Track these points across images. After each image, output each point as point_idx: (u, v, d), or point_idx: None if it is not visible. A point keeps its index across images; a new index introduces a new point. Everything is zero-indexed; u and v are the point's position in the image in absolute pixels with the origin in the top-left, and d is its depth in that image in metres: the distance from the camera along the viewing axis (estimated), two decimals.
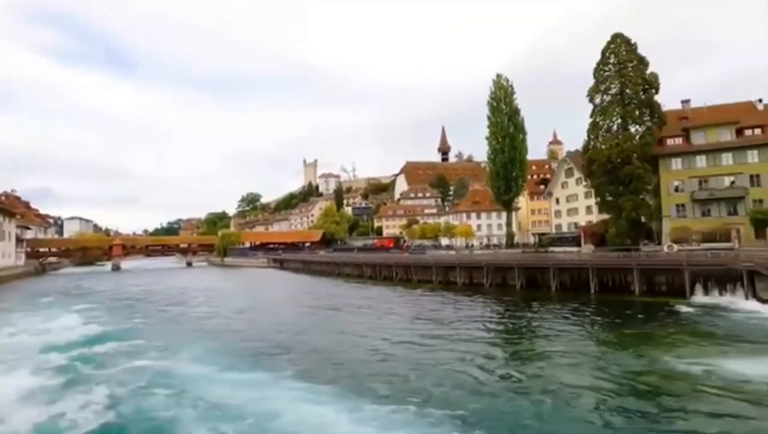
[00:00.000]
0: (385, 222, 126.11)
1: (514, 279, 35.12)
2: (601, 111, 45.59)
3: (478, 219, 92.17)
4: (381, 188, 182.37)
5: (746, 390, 11.46)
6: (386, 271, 48.83)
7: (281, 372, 14.69)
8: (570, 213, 65.66)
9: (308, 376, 14.09)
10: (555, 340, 18.42)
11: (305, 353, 17.62)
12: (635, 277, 28.53)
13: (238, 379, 14.04)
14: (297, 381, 13.61)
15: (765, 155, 44.16)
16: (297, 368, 15.14)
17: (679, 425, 9.78)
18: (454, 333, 20.35)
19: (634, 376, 13.16)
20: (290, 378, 13.95)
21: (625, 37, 45.30)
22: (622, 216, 43.36)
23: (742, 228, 42.10)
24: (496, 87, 59.19)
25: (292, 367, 15.25)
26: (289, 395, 12.32)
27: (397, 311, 27.52)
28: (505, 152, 57.27)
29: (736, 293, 24.67)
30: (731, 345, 16.09)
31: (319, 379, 13.73)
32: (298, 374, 14.38)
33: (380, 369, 14.84)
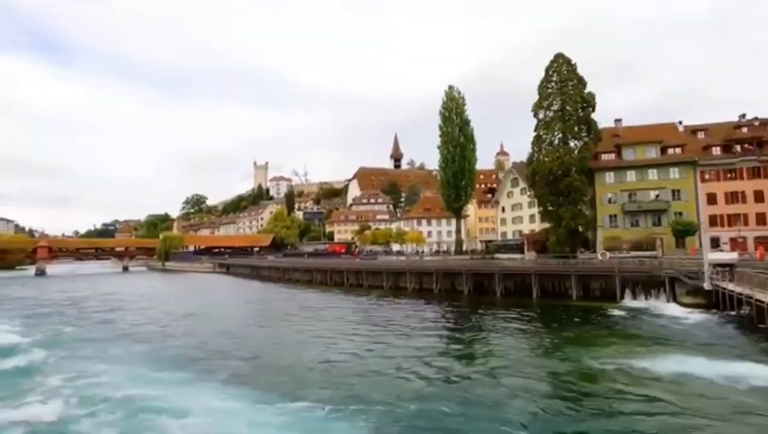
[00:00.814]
0: (337, 227, 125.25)
1: (462, 285, 36.11)
2: (544, 125, 48.29)
3: (429, 226, 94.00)
4: (333, 192, 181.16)
5: (666, 385, 12.53)
6: (337, 277, 48.50)
7: (211, 377, 14.40)
8: (515, 221, 68.68)
9: (240, 382, 13.87)
10: (498, 343, 19.17)
11: (243, 359, 17.21)
12: (573, 283, 30.35)
13: (160, 385, 13.61)
14: (227, 387, 13.38)
15: (685, 172, 48.80)
16: (229, 373, 14.87)
17: (607, 419, 10.48)
18: (401, 337, 20.61)
19: (568, 376, 14.00)
20: (219, 383, 13.75)
21: (566, 57, 48.36)
22: (561, 225, 46.02)
23: (665, 238, 46.13)
24: (448, 98, 61.00)
25: (224, 373, 14.95)
26: (210, 400, 12.10)
27: (345, 317, 27.42)
28: (455, 161, 59.03)
29: (660, 298, 26.97)
30: (653, 345, 17.51)
31: (253, 385, 13.54)
32: (229, 380, 14.15)
33: (319, 373, 14.79)
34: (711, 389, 12.12)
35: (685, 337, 18.76)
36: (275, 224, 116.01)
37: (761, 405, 10.94)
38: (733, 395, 11.59)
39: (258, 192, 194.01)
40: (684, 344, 17.46)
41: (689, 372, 13.25)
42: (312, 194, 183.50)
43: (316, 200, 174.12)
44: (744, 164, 48.22)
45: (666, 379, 13.03)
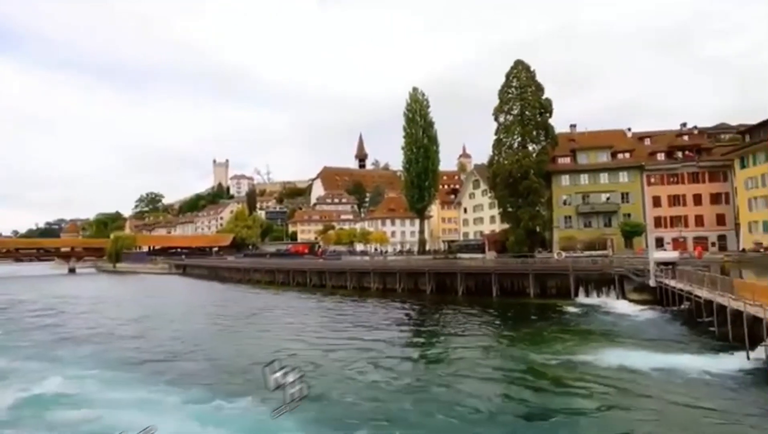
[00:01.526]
0: (300, 227, 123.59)
1: (425, 284, 36.59)
2: (505, 129, 49.80)
3: (393, 226, 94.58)
4: (297, 192, 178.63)
5: (611, 377, 13.26)
6: (300, 277, 47.87)
7: (156, 378, 14.14)
8: (476, 222, 70.35)
9: (188, 382, 13.66)
10: (458, 341, 19.61)
11: (194, 360, 16.88)
12: (531, 281, 31.47)
13: (101, 385, 13.34)
14: (171, 387, 13.18)
15: (632, 176, 51.75)
16: (176, 374, 14.62)
17: (557, 410, 10.95)
18: (362, 337, 20.65)
19: (523, 370, 14.57)
20: (164, 384, 13.54)
21: (525, 64, 50.08)
22: (520, 226, 47.63)
23: (615, 238, 48.72)
24: (412, 100, 61.59)
25: (171, 373, 14.70)
26: (152, 399, 12.01)
27: (307, 318, 27.15)
28: (419, 162, 59.70)
29: (610, 295, 28.47)
30: (603, 340, 18.45)
31: (200, 384, 13.33)
32: (175, 380, 13.91)
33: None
34: (652, 380, 12.95)
35: (632, 332, 19.92)
36: (236, 223, 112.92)
37: (695, 393, 11.79)
38: (671, 385, 12.43)
39: (218, 191, 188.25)
40: (631, 338, 18.51)
41: (633, 365, 14.08)
42: (275, 193, 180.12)
43: (279, 199, 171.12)
44: (685, 170, 51.72)
45: (612, 371, 13.78)
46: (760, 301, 14.91)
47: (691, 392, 11.79)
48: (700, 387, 12.27)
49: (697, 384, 12.50)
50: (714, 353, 15.23)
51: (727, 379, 12.70)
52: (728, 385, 12.30)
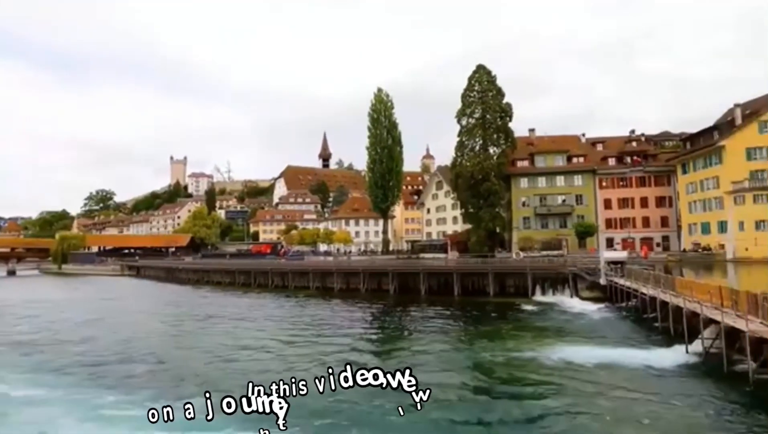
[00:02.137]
0: (262, 227, 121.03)
1: (388, 284, 36.75)
2: (467, 132, 50.91)
3: (357, 226, 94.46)
4: (259, 191, 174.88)
5: (563, 371, 13.85)
6: (261, 278, 46.87)
7: (96, 382, 13.68)
8: (439, 222, 71.47)
9: (129, 386, 13.29)
10: (419, 340, 19.85)
11: (142, 364, 16.21)
12: (490, 280, 32.31)
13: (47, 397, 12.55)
14: (109, 391, 12.76)
15: (586, 180, 54.27)
16: (118, 378, 14.16)
17: (514, 404, 11.30)
18: (323, 337, 20.50)
19: (483, 366, 14.98)
20: (103, 388, 13.07)
21: (486, 69, 51.38)
22: (481, 226, 48.84)
23: (570, 238, 50.90)
24: (376, 100, 61.74)
25: (112, 378, 14.24)
26: (86, 404, 11.58)
27: (268, 319, 26.59)
28: (383, 162, 59.93)
29: (565, 293, 29.70)
30: (556, 336, 19.20)
31: (142, 389, 12.96)
32: (114, 384, 13.47)
33: (225, 375, 14.29)
34: (599, 373, 13.62)
35: (583, 328, 20.88)
36: (194, 223, 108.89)
37: (636, 384, 12.51)
38: (615, 377, 13.11)
39: (175, 189, 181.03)
40: (581, 334, 19.40)
41: (582, 359, 14.77)
42: (235, 192, 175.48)
43: (240, 198, 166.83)
44: (633, 174, 54.78)
45: (563, 366, 14.38)
46: (697, 298, 16.04)
47: (633, 383, 12.49)
48: (642, 378, 13.03)
49: (640, 375, 13.26)
50: (657, 346, 16.22)
51: (666, 370, 13.56)
52: (667, 376, 13.14)
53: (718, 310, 14.07)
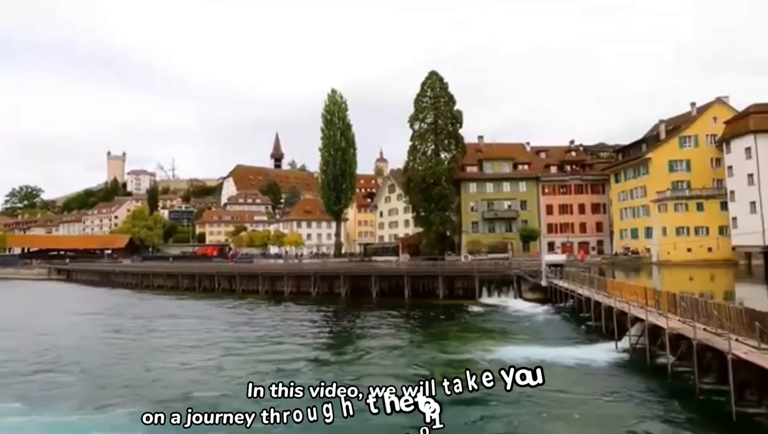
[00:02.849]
0: (209, 228, 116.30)
1: (340, 287, 36.60)
2: (419, 137, 51.95)
3: (309, 228, 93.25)
4: (206, 190, 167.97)
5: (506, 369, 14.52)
6: (207, 281, 45.01)
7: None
8: (392, 226, 72.23)
9: (50, 400, 12.44)
10: (368, 342, 20.00)
11: (69, 376, 15.10)
12: (440, 283, 33.10)
13: None
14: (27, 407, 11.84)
15: (530, 186, 57.09)
16: (36, 389, 13.15)
17: (458, 404, 11.66)
18: (268, 342, 20.05)
19: (428, 367, 15.41)
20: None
21: (439, 75, 52.76)
22: (432, 230, 49.96)
23: (515, 242, 53.27)
24: (330, 101, 61.43)
25: (29, 390, 13.23)
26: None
27: (212, 323, 25.62)
28: (336, 164, 59.69)
29: (509, 294, 31.03)
30: (500, 336, 20.07)
31: (63, 401, 12.22)
32: (38, 399, 12.52)
33: (157, 385, 13.68)
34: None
35: (525, 328, 21.96)
36: (134, 223, 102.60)
37: (569, 379, 13.38)
38: (551, 374, 13.80)
39: (112, 186, 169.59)
40: (523, 334, 20.41)
41: (523, 358, 15.53)
42: (180, 191, 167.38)
43: (185, 198, 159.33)
44: (572, 182, 58.35)
45: (504, 365, 15.04)
46: (625, 298, 17.43)
47: (567, 380, 13.32)
48: (576, 375, 13.94)
49: (573, 372, 14.19)
50: (590, 344, 17.41)
51: (597, 367, 14.62)
52: (598, 372, 14.17)
53: (642, 309, 15.37)
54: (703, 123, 50.04)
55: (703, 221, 47.82)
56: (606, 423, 10.32)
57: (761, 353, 9.50)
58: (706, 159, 49.49)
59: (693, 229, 47.88)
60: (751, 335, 10.52)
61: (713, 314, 12.64)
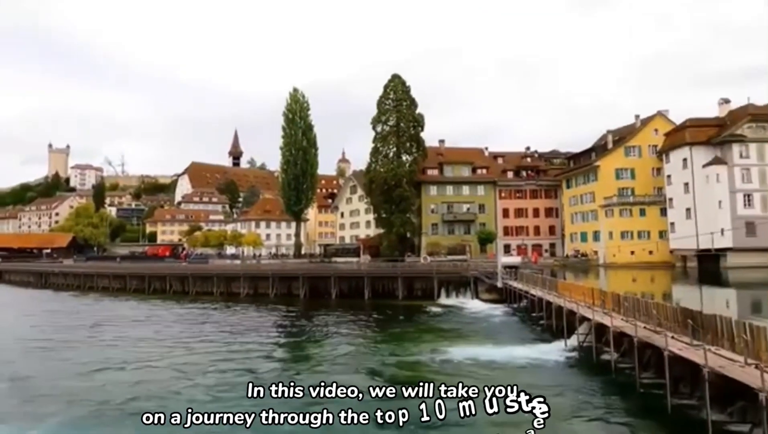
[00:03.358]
0: (161, 227, 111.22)
1: (298, 288, 36.05)
2: (381, 138, 52.17)
3: (268, 228, 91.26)
4: (158, 188, 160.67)
5: (461, 368, 14.85)
6: (158, 283, 42.97)
7: None
8: (353, 226, 72.02)
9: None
10: (327, 344, 19.82)
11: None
12: (400, 284, 33.35)
13: None
14: None
15: (488, 190, 58.74)
16: None
17: (413, 402, 11.78)
18: (224, 344, 19.46)
19: (384, 368, 15.47)
20: None
21: (402, 78, 53.23)
22: (393, 231, 50.27)
23: (473, 244, 54.60)
24: (292, 100, 60.40)
25: None
26: None
27: (162, 327, 24.42)
28: (297, 164, 58.74)
29: (466, 295, 31.73)
30: (457, 336, 20.49)
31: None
32: None
33: (98, 394, 12.93)
34: (490, 368, 14.82)
35: (481, 328, 22.52)
36: (77, 221, 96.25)
37: (520, 376, 13.87)
38: (503, 372, 14.39)
39: (54, 181, 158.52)
40: (479, 334, 20.92)
41: (477, 357, 15.99)
42: (130, 188, 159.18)
43: (136, 195, 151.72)
44: (527, 187, 60.60)
45: (459, 364, 15.41)
46: (574, 298, 18.27)
47: (518, 378, 13.75)
48: (526, 372, 14.46)
49: (525, 370, 14.71)
50: (541, 343, 18.10)
51: (547, 364, 15.22)
52: (547, 369, 14.75)
53: (590, 309, 16.16)
54: (645, 134, 53.53)
55: (645, 226, 51.12)
56: (552, 419, 10.71)
57: (693, 349, 10.22)
58: (648, 168, 52.94)
59: (636, 233, 51.06)
60: (686, 332, 11.32)
61: (652, 314, 13.51)
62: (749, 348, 9.49)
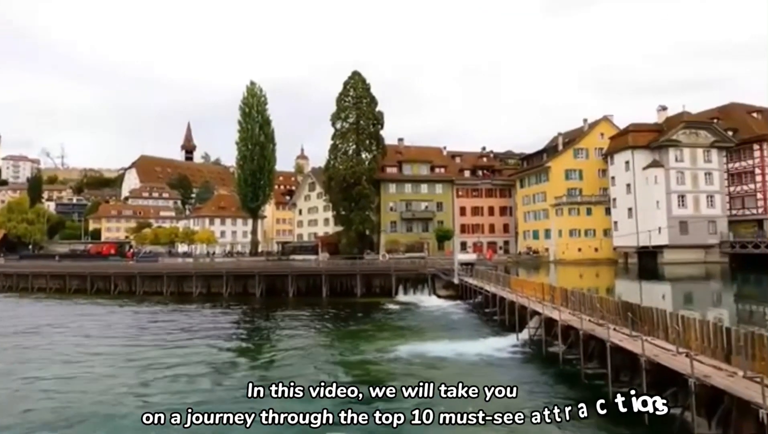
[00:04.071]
0: (106, 224, 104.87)
1: (254, 287, 35.14)
2: (341, 135, 51.81)
3: (223, 225, 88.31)
4: (103, 182, 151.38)
5: (417, 363, 15.04)
6: (101, 283, 40.43)
7: None
8: (311, 224, 71.13)
9: None
10: (283, 343, 19.46)
11: None
12: (358, 282, 33.30)
13: None
14: None
15: (446, 189, 59.81)
16: None
17: (367, 400, 11.79)
18: (172, 347, 18.58)
19: (348, 365, 15.42)
20: None
21: (362, 76, 53.06)
22: (352, 229, 50.11)
23: (431, 242, 55.45)
24: (249, 94, 58.70)
25: None
26: None
27: (104, 330, 22.97)
28: (254, 159, 57.19)
29: (424, 292, 32.18)
30: (413, 332, 20.72)
31: None
32: None
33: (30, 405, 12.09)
34: (445, 362, 15.14)
35: (437, 323, 22.93)
36: (9, 216, 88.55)
37: (473, 369, 14.28)
38: (457, 366, 14.73)
39: None
40: (435, 329, 21.27)
41: (433, 352, 16.29)
42: (71, 181, 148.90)
43: (78, 189, 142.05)
44: (483, 186, 62.25)
45: (415, 359, 15.62)
46: (526, 294, 18.97)
47: (470, 371, 14.15)
48: (479, 365, 14.88)
49: (477, 363, 15.12)
50: (494, 336, 18.66)
51: (499, 357, 15.72)
52: (499, 361, 15.23)
53: (540, 304, 16.85)
54: (592, 138, 56.48)
55: (592, 225, 53.98)
56: (500, 409, 11.02)
57: (632, 339, 10.88)
58: (595, 169, 55.91)
59: (583, 231, 53.81)
60: (626, 324, 12.03)
61: (596, 307, 14.27)
62: (680, 337, 10.22)
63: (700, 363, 8.76)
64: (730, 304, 27.92)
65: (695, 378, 8.15)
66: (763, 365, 8.13)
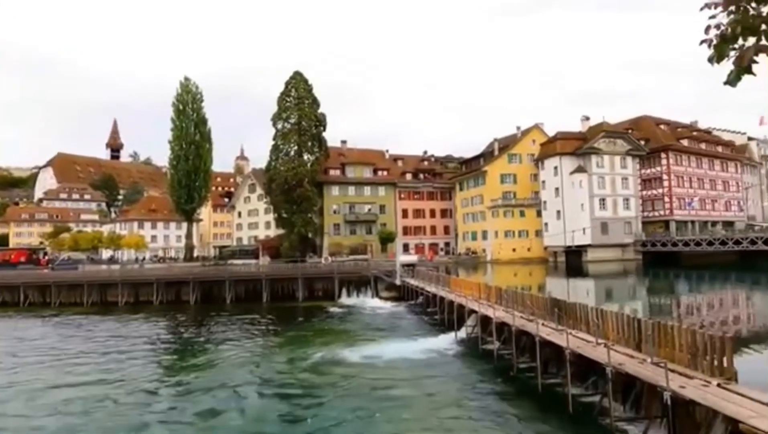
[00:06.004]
0: (15, 228, 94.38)
1: (188, 294, 33.30)
2: (282, 136, 50.70)
3: (154, 229, 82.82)
4: (12, 182, 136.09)
5: (358, 365, 15.03)
6: (9, 294, 36.25)
7: None
8: (251, 227, 68.78)
9: None
10: (221, 350, 18.58)
11: None
12: (300, 285, 32.67)
13: None
14: None
15: (388, 191, 60.53)
16: None
17: (311, 405, 11.65)
18: (94, 364, 17.00)
19: (287, 371, 15.01)
20: None
21: (303, 76, 52.32)
22: (294, 232, 49.13)
23: (374, 244, 55.77)
24: (183, 90, 55.54)
25: None
26: None
27: (11, 348, 20.59)
28: (189, 159, 54.15)
29: (367, 294, 32.26)
30: (355, 335, 20.65)
31: None
32: None
33: None
34: (387, 363, 15.26)
35: (379, 325, 23.03)
36: None
37: (414, 368, 14.54)
38: (399, 365, 14.92)
39: None
40: (377, 331, 21.36)
41: (374, 353, 16.35)
42: None
43: None
44: (425, 189, 63.78)
45: (356, 361, 15.57)
46: (464, 293, 19.63)
47: (410, 370, 14.41)
48: (418, 364, 15.11)
49: (416, 362, 15.37)
50: (434, 336, 19.09)
51: (438, 355, 16.09)
52: (437, 360, 15.56)
53: (476, 302, 17.50)
54: (525, 144, 59.89)
55: (525, 226, 57.16)
56: (432, 406, 11.33)
57: (558, 333, 11.62)
58: (527, 174, 59.30)
59: (517, 232, 56.85)
60: (553, 319, 12.83)
61: (527, 304, 15.08)
62: (600, 329, 11.08)
63: (615, 352, 9.53)
64: (644, 297, 30.84)
65: (612, 366, 8.86)
66: (667, 351, 9.03)
